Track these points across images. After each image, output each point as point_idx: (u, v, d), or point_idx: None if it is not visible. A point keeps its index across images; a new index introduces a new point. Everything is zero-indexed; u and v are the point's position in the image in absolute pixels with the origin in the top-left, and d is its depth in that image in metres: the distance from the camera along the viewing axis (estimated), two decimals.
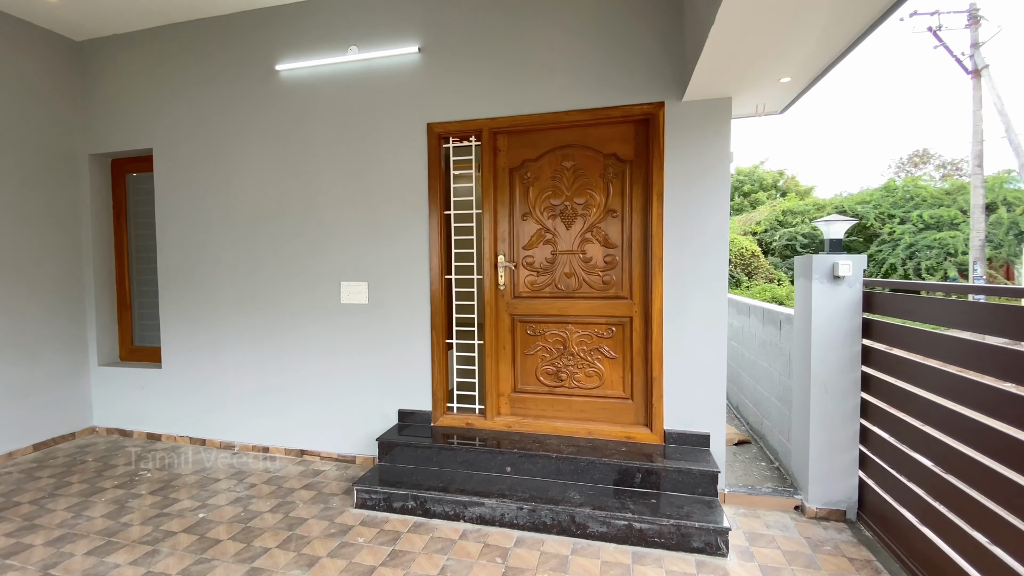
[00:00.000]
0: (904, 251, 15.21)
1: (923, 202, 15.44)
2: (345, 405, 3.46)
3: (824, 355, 2.69)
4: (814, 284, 2.69)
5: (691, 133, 2.84)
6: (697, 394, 2.90)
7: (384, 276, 3.35)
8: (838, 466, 2.70)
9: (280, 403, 3.60)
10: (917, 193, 15.69)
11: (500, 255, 3.18)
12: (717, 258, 2.83)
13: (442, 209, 3.25)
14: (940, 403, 2.10)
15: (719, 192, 2.82)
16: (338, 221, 3.42)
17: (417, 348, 3.31)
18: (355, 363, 3.43)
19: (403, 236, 3.30)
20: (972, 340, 1.97)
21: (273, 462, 3.52)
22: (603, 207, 3.03)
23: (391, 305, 3.34)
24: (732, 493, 2.86)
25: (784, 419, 3.25)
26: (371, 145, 3.33)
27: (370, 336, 3.39)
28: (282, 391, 3.59)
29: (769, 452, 3.52)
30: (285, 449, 3.62)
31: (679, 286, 2.89)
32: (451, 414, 3.31)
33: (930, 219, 14.85)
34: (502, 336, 3.24)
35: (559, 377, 3.16)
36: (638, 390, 3.04)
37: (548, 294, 3.16)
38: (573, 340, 3.13)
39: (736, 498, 2.86)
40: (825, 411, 2.70)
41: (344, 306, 3.44)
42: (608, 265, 3.05)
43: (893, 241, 15.37)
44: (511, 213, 3.19)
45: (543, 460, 2.81)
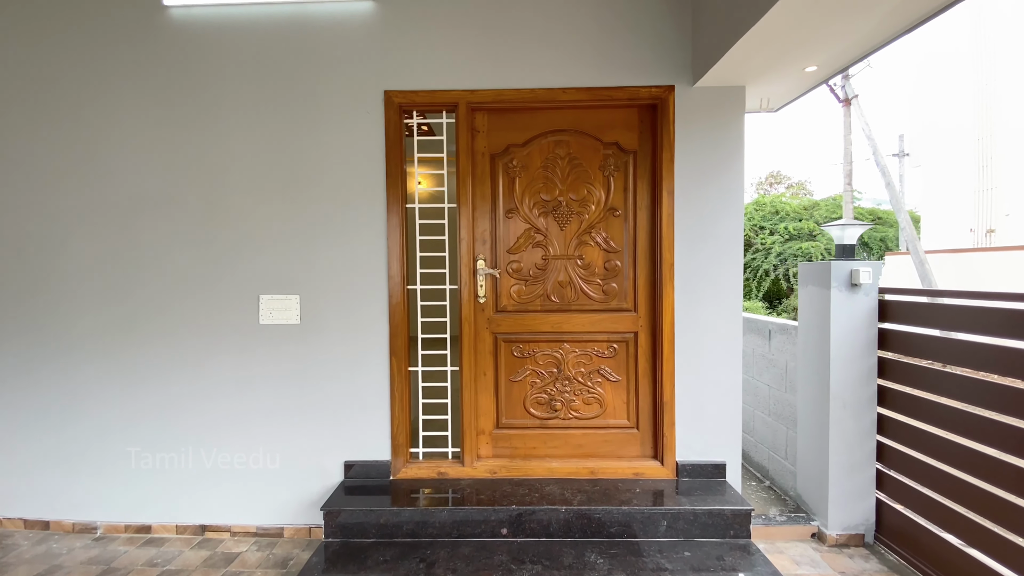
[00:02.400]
0: (775, 258, 17.13)
1: (787, 216, 17.62)
2: (267, 461, 2.59)
3: (842, 369, 2.50)
4: (832, 293, 2.50)
5: (704, 122, 2.51)
6: (712, 419, 2.56)
7: (323, 287, 2.56)
8: (856, 487, 2.52)
9: (169, 463, 2.60)
10: (781, 208, 17.87)
11: (480, 260, 2.58)
12: (732, 263, 2.53)
13: (404, 201, 2.56)
14: (966, 409, 2.06)
15: (734, 189, 2.52)
16: (258, 215, 2.56)
17: (370, 380, 2.57)
18: (282, 404, 2.58)
19: (352, 235, 2.55)
20: (998, 344, 1.95)
21: (159, 547, 2.51)
22: (603, 204, 2.59)
23: (333, 325, 2.56)
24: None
25: (776, 436, 3.07)
26: (307, 116, 2.54)
27: (303, 367, 2.57)
28: (173, 448, 2.60)
29: (755, 470, 3.33)
30: (177, 526, 2.62)
31: (691, 295, 2.53)
32: (417, 462, 2.61)
33: (794, 231, 16.95)
34: (482, 359, 2.63)
35: (553, 406, 2.64)
36: (645, 417, 2.62)
37: (539, 307, 2.62)
38: (569, 361, 2.63)
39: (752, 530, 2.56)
40: (844, 429, 2.51)
41: (265, 328, 2.57)
42: (609, 272, 2.60)
43: (766, 250, 17.28)
44: (493, 209, 2.61)
45: (547, 515, 2.26)
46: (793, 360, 2.92)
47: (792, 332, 2.93)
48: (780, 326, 3.05)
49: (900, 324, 2.44)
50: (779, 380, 3.06)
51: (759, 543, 2.51)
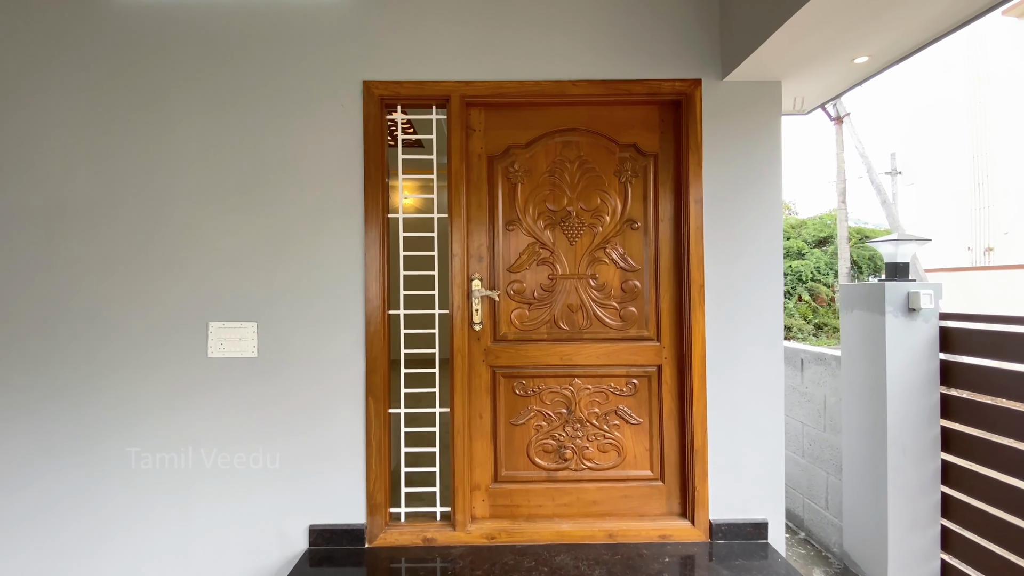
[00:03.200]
0: None
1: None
2: (212, 526, 2.11)
3: (901, 408, 2.14)
4: (888, 319, 2.14)
5: (735, 122, 2.17)
6: (750, 469, 2.16)
7: (287, 312, 2.13)
8: (919, 547, 2.13)
9: (85, 533, 2.11)
10: None
11: (475, 280, 2.18)
12: (771, 284, 2.16)
13: (385, 211, 2.16)
14: None
15: (771, 199, 2.17)
16: (209, 226, 2.13)
17: (342, 425, 2.12)
18: (232, 457, 2.12)
19: (322, 250, 2.13)
20: None
21: None
22: (620, 215, 2.21)
23: (298, 359, 2.12)
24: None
25: (814, 482, 2.68)
26: (271, 111, 2.14)
27: (260, 410, 2.12)
28: (92, 513, 2.11)
29: (788, 519, 2.92)
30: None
31: (724, 321, 2.15)
32: (398, 526, 2.15)
33: (785, 249, 16.94)
34: (477, 399, 2.21)
35: (562, 455, 2.21)
36: (671, 467, 2.21)
37: (545, 335, 2.22)
38: (581, 400, 2.22)
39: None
40: (904, 479, 2.13)
41: (215, 362, 2.12)
42: (628, 294, 2.22)
43: None
44: (491, 220, 2.22)
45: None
46: (834, 395, 2.55)
47: (831, 363, 2.57)
48: (816, 355, 2.69)
49: (967, 355, 2.09)
50: (815, 417, 2.68)
51: None
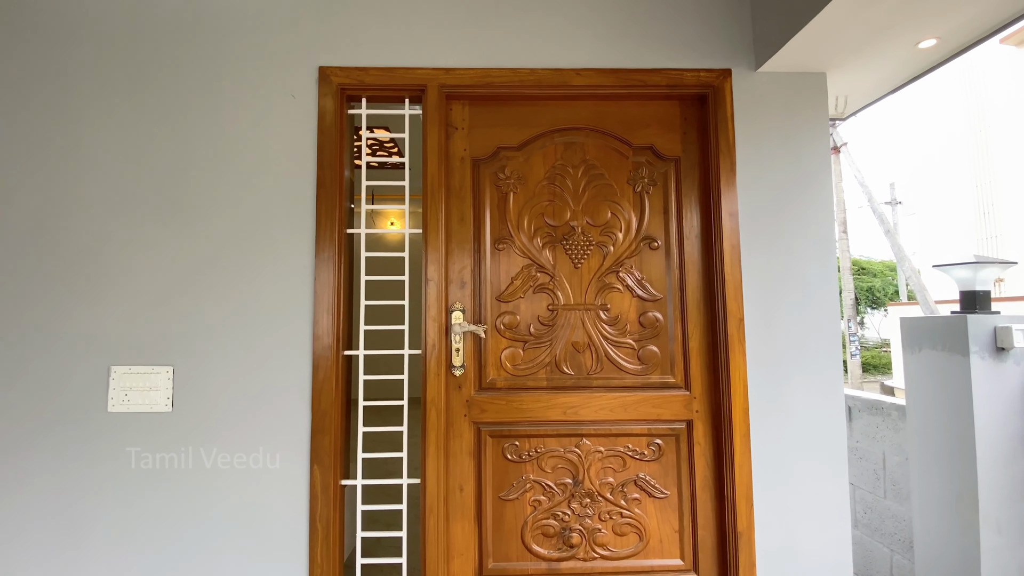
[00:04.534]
0: None
1: None
2: None
3: (993, 474, 1.68)
4: (973, 361, 1.71)
5: (773, 120, 1.79)
6: (809, 557, 1.67)
7: (211, 354, 1.65)
8: None
9: None
10: None
11: (456, 311, 1.73)
12: (826, 318, 1.73)
13: (343, 225, 1.73)
14: None
15: (820, 211, 1.77)
16: (118, 240, 1.68)
17: (277, 502, 1.62)
18: (132, 550, 1.60)
19: (260, 273, 1.68)
20: None
21: None
22: (635, 232, 1.79)
23: (224, 414, 1.64)
24: None
25: (873, 560, 2.18)
26: (203, 104, 1.73)
27: (173, 485, 1.62)
28: None
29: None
30: None
31: (772, 366, 1.71)
32: None
33: None
34: (457, 465, 1.72)
35: (567, 540, 1.71)
36: (707, 554, 1.71)
37: (544, 382, 1.76)
38: (591, 467, 1.74)
39: None
40: (1001, 565, 1.65)
41: (116, 419, 1.63)
42: (648, 329, 1.77)
43: None
44: (476, 237, 1.79)
45: None
46: (895, 453, 2.09)
47: (891, 413, 2.12)
48: (869, 403, 2.23)
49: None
50: (871, 480, 2.21)
51: None
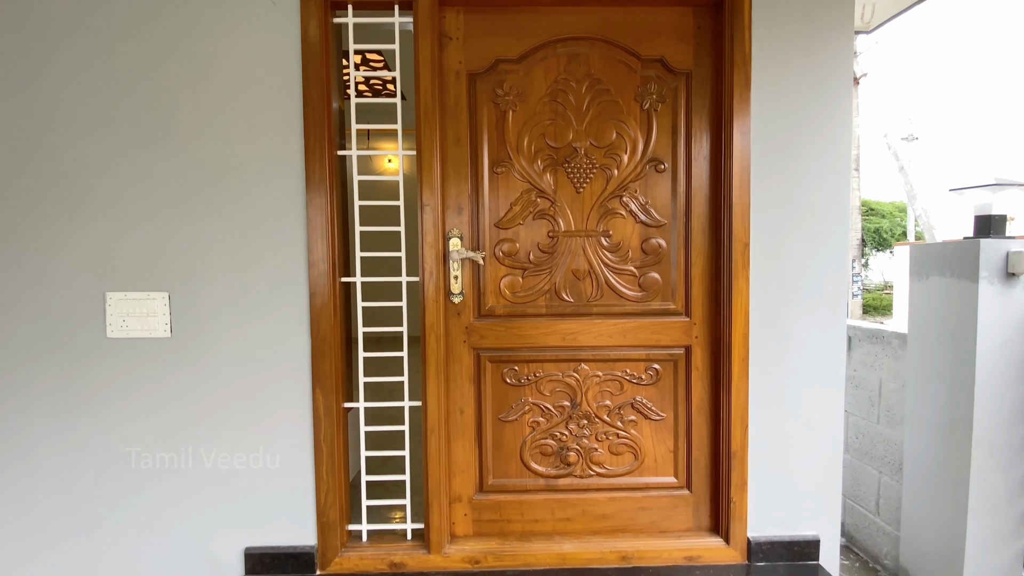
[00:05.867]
0: None
1: None
2: (120, 555, 1.66)
3: (991, 400, 1.69)
4: (981, 287, 1.67)
5: (794, 31, 1.65)
6: (801, 476, 1.72)
7: (207, 280, 1.63)
8: (1000, 567, 1.72)
9: None
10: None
11: (453, 237, 1.68)
12: (835, 245, 1.68)
13: (332, 147, 1.65)
14: None
15: (839, 134, 1.67)
16: (100, 166, 1.61)
17: (283, 425, 1.66)
18: (142, 466, 1.66)
19: (249, 197, 1.62)
20: None
21: None
22: (641, 153, 1.71)
23: (224, 340, 1.64)
24: None
25: (861, 482, 2.26)
26: (177, 14, 1.60)
27: (177, 406, 1.65)
28: None
29: None
30: None
31: (775, 292, 1.68)
32: (359, 547, 1.71)
33: None
34: (458, 389, 1.74)
35: (564, 458, 1.77)
36: (701, 473, 1.77)
37: (543, 309, 1.74)
38: (589, 390, 1.76)
39: None
40: (990, 486, 1.70)
41: (116, 345, 1.64)
42: (650, 256, 1.73)
43: None
44: (474, 160, 1.71)
45: None
46: (892, 380, 2.10)
47: (891, 341, 2.11)
48: (869, 332, 2.23)
49: None
50: (866, 406, 2.24)
51: None
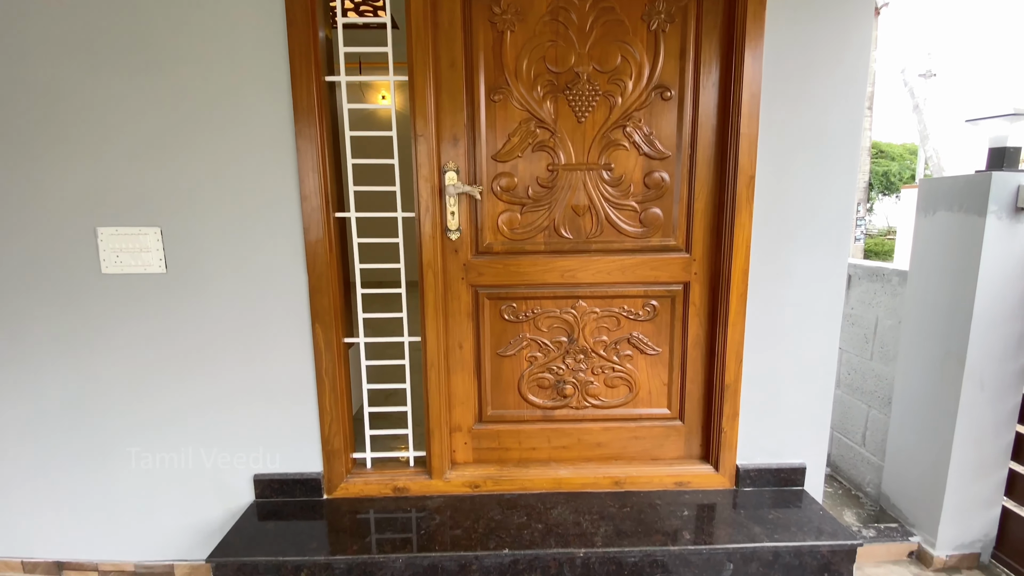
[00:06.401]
0: None
1: None
2: (133, 486, 1.75)
3: (987, 335, 1.71)
4: (989, 221, 1.64)
5: None
6: (791, 409, 1.77)
7: (199, 215, 1.60)
8: (981, 493, 1.81)
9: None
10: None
11: (449, 171, 1.63)
12: (842, 179, 1.63)
13: (319, 71, 1.56)
14: None
15: (855, 66, 1.57)
16: (79, 93, 1.53)
17: (284, 359, 1.68)
18: (147, 398, 1.70)
19: (236, 128, 1.56)
20: None
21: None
22: (647, 79, 1.62)
23: (219, 275, 1.64)
24: None
25: (850, 415, 2.34)
26: None
27: (177, 341, 1.67)
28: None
29: None
30: (23, 562, 1.82)
31: (778, 226, 1.65)
32: (363, 473, 1.80)
33: None
34: (457, 325, 1.75)
35: (561, 391, 1.81)
36: (693, 405, 1.82)
37: (542, 246, 1.72)
38: (586, 327, 1.77)
39: None
40: (977, 417, 1.76)
41: (112, 281, 1.63)
42: (652, 191, 1.68)
43: None
44: (470, 86, 1.62)
45: (556, 560, 1.49)
46: (889, 317, 2.12)
47: (891, 279, 2.11)
48: (870, 270, 2.22)
49: None
50: (860, 344, 2.27)
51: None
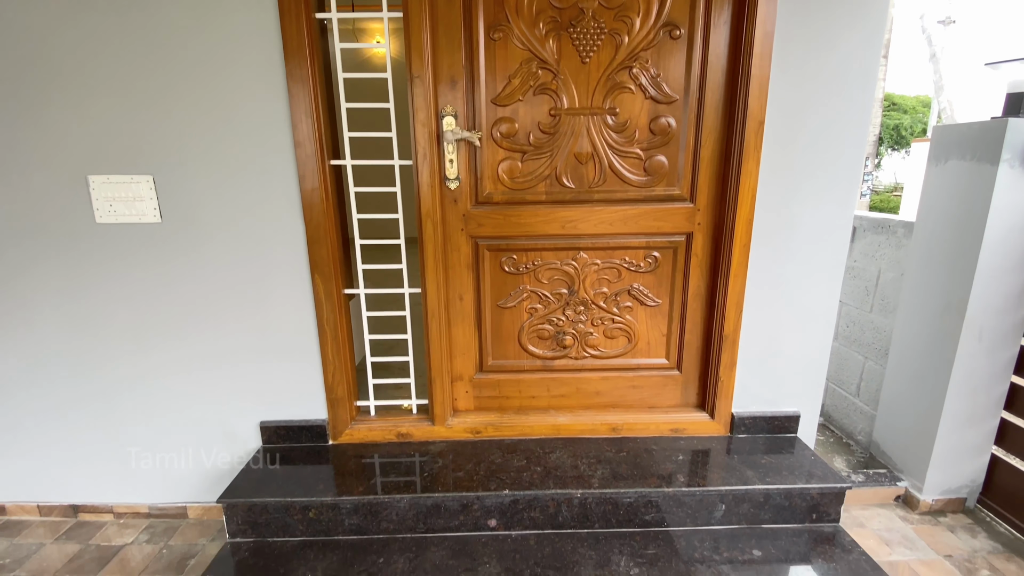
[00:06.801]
0: None
1: None
2: (139, 435, 1.79)
3: (990, 286, 1.70)
4: (1001, 170, 1.60)
5: None
6: (788, 359, 1.79)
7: (190, 162, 1.56)
8: (971, 441, 1.85)
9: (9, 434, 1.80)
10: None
11: (447, 116, 1.57)
12: (855, 125, 1.58)
13: (311, 8, 1.47)
14: None
15: (873, 7, 1.48)
16: (55, 32, 1.45)
17: (285, 310, 1.69)
18: (151, 350, 1.72)
19: (225, 69, 1.49)
20: None
21: (11, 537, 1.80)
22: (655, 17, 1.53)
23: (215, 225, 1.61)
24: None
25: (846, 366, 2.36)
26: None
27: (176, 292, 1.66)
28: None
29: None
30: (39, 506, 1.89)
31: (785, 177, 1.61)
32: (367, 420, 1.84)
33: None
34: (457, 276, 1.74)
35: (560, 342, 1.82)
36: (692, 356, 1.84)
37: (543, 196, 1.68)
38: (587, 278, 1.76)
39: None
40: (973, 368, 1.77)
41: (107, 231, 1.61)
42: (658, 137, 1.63)
43: None
44: (468, 24, 1.54)
45: (554, 500, 1.55)
46: (892, 269, 2.10)
47: (897, 231, 2.08)
48: (876, 222, 2.18)
49: None
50: (862, 296, 2.27)
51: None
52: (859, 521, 1.87)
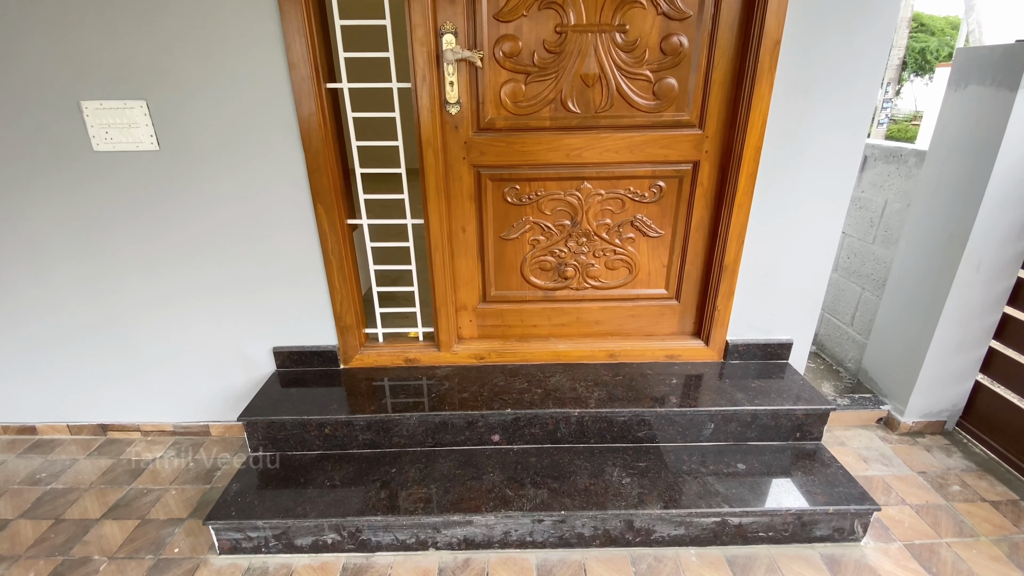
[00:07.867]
0: None
1: None
2: (156, 357, 1.86)
3: (993, 217, 1.69)
4: (1020, 96, 1.54)
5: None
6: (785, 289, 1.82)
7: (182, 86, 1.51)
8: (956, 368, 1.92)
9: (34, 348, 1.88)
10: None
11: (447, 34, 1.49)
12: (874, 48, 1.50)
13: None
14: None
15: None
16: None
17: (289, 239, 1.70)
18: (162, 280, 1.75)
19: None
20: None
21: (46, 454, 1.93)
22: None
23: (213, 152, 1.58)
24: None
25: (842, 297, 2.40)
26: None
27: (181, 221, 1.67)
28: (31, 340, 1.84)
29: None
30: (69, 426, 2.02)
31: (798, 101, 1.55)
32: (375, 346, 1.91)
33: None
34: (459, 208, 1.74)
35: (562, 273, 1.85)
36: (691, 286, 1.87)
37: (547, 121, 1.64)
38: (590, 209, 1.75)
39: None
40: (969, 298, 1.81)
41: (105, 157, 1.59)
42: (669, 58, 1.56)
43: None
44: None
45: (553, 418, 1.65)
46: (898, 200, 2.08)
47: (908, 160, 2.04)
48: (888, 151, 2.13)
49: None
50: (865, 227, 2.26)
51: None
52: (840, 440, 1.99)
